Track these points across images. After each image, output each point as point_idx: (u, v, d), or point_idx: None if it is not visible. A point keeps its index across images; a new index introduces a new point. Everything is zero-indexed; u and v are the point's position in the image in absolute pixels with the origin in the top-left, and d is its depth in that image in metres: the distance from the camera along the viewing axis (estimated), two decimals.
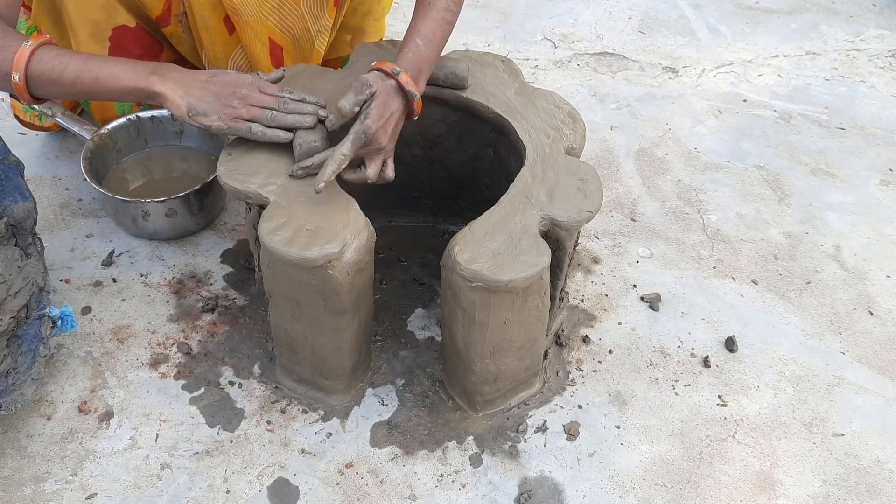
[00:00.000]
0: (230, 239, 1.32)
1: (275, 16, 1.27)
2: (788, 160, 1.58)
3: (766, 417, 1.13)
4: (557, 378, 1.16)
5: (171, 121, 1.37)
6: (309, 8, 1.29)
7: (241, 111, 1.00)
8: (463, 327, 1.00)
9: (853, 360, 1.22)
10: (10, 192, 1.07)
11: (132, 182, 1.34)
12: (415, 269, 1.29)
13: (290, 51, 1.32)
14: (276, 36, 1.29)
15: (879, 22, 2.02)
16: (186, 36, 1.32)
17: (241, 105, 1.01)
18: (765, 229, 1.42)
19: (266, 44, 1.29)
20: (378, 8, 1.47)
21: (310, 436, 1.07)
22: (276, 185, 0.99)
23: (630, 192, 1.48)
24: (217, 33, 1.29)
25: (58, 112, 1.33)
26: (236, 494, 1.00)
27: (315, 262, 0.93)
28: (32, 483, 0.99)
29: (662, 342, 1.22)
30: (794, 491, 1.05)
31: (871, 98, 1.76)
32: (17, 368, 1.01)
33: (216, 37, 1.29)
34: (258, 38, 1.28)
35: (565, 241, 1.03)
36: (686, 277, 1.32)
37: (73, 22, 1.23)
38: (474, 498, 1.02)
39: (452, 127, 1.21)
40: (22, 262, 1.05)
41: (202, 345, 1.16)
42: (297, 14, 1.28)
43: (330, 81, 1.15)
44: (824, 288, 1.33)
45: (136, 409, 1.08)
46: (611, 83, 1.75)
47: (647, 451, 1.08)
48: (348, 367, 1.07)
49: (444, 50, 1.14)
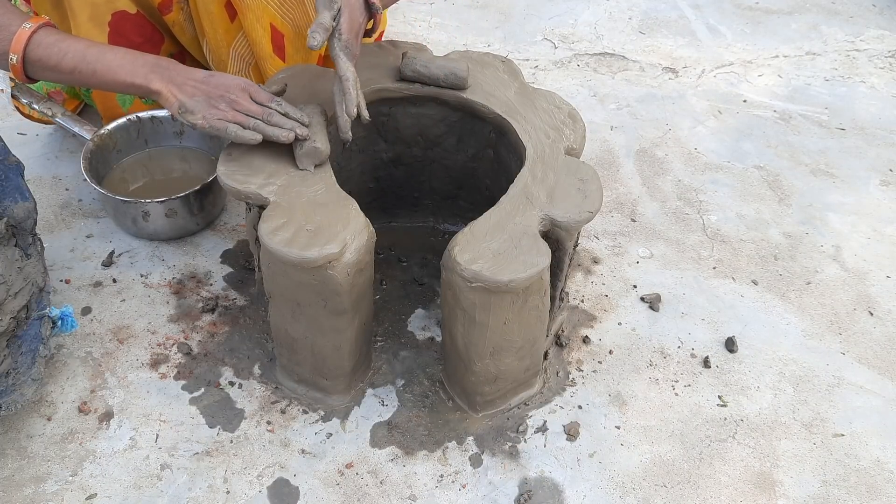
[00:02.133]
0: (230, 239, 1.32)
1: (275, 1, 1.27)
2: (788, 160, 1.58)
3: (766, 418, 1.13)
4: (557, 378, 1.16)
5: (171, 121, 1.37)
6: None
7: (226, 114, 1.02)
8: (463, 327, 1.00)
9: (853, 361, 1.22)
10: (10, 193, 1.07)
11: (132, 182, 1.34)
12: (415, 269, 1.29)
13: (292, 38, 1.32)
14: (278, 22, 1.29)
15: (879, 22, 2.02)
16: (188, 24, 1.32)
17: (228, 109, 1.02)
18: (765, 229, 1.42)
19: (268, 29, 1.29)
20: None
21: (310, 436, 1.07)
22: (276, 186, 0.99)
23: (630, 192, 1.48)
24: (219, 20, 1.29)
25: (58, 112, 1.33)
26: (236, 495, 1.00)
27: (315, 263, 0.93)
28: (32, 483, 0.99)
29: (662, 342, 1.22)
30: (794, 491, 1.05)
31: (871, 98, 1.76)
32: (17, 369, 1.01)
33: (218, 23, 1.29)
34: (259, 23, 1.28)
35: (565, 242, 1.03)
36: (686, 278, 1.32)
37: (72, 4, 1.23)
38: (474, 498, 1.02)
39: (452, 127, 1.21)
40: (22, 263, 1.05)
41: (202, 345, 1.16)
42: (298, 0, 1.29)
43: (330, 82, 1.15)
44: (824, 288, 1.33)
45: (136, 409, 1.08)
46: (611, 83, 1.75)
47: (647, 451, 1.08)
48: (348, 368, 1.07)
49: (444, 51, 1.14)
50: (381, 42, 1.26)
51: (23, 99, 1.31)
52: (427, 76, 1.15)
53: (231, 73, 1.38)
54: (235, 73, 1.38)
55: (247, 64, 1.36)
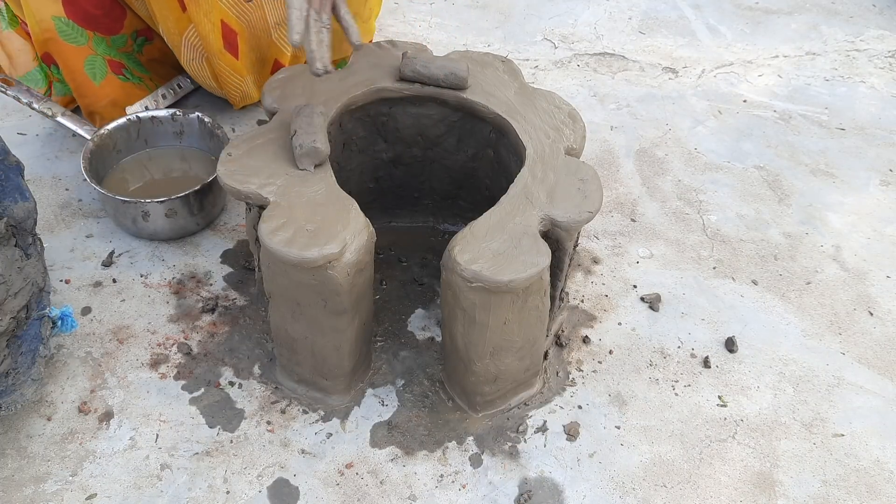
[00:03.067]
0: (230, 239, 1.32)
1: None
2: (788, 160, 1.58)
3: (766, 418, 1.13)
4: (557, 378, 1.16)
5: (171, 121, 1.37)
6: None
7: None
8: (463, 327, 1.00)
9: (853, 361, 1.22)
10: (10, 193, 1.07)
11: (132, 182, 1.34)
12: (415, 269, 1.29)
13: (246, 37, 1.31)
14: (231, 20, 1.27)
15: (879, 22, 2.02)
16: (141, 5, 1.31)
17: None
18: (765, 229, 1.42)
19: (217, 25, 1.27)
20: (365, 10, 1.47)
21: (310, 436, 1.07)
22: (276, 186, 0.99)
23: (630, 192, 1.48)
24: (169, 8, 1.27)
25: (58, 112, 1.33)
26: (236, 495, 1.00)
27: (315, 263, 0.93)
28: (32, 483, 0.99)
29: (662, 342, 1.22)
30: (794, 491, 1.05)
31: (871, 98, 1.76)
32: (16, 369, 1.01)
33: (168, 11, 1.28)
34: (208, 18, 1.26)
35: (565, 242, 1.03)
36: (686, 278, 1.32)
37: None
38: (474, 498, 1.02)
39: (452, 127, 1.21)
40: (22, 263, 1.05)
41: (202, 345, 1.16)
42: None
43: (329, 82, 1.15)
44: (824, 288, 1.33)
45: (136, 409, 1.08)
46: (611, 83, 1.75)
47: (647, 451, 1.08)
48: (348, 368, 1.07)
49: (444, 51, 1.14)
50: (381, 42, 1.26)
51: (23, 99, 1.31)
52: (427, 76, 1.15)
53: (184, 61, 1.36)
54: (188, 61, 1.36)
55: (200, 54, 1.35)
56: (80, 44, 1.31)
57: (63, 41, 1.30)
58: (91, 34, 1.31)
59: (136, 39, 1.38)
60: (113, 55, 1.36)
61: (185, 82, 1.51)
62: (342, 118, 1.15)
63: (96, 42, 1.32)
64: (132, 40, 1.37)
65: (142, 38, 1.39)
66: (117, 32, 1.34)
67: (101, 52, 1.34)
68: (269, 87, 1.14)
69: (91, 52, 1.33)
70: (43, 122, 1.48)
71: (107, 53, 1.34)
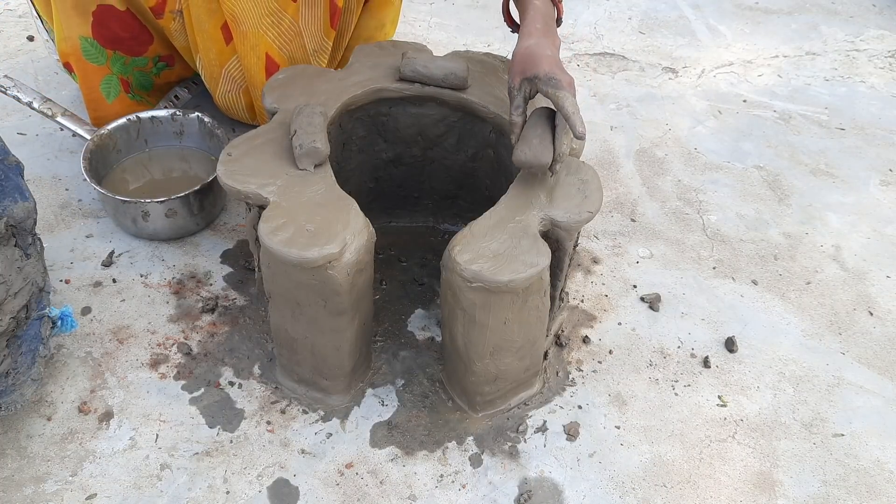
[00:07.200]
0: (230, 239, 1.32)
1: (273, 31, 1.27)
2: (788, 160, 1.58)
3: (766, 418, 1.13)
4: (557, 378, 1.16)
5: (171, 121, 1.37)
6: (306, 25, 1.29)
7: None
8: (463, 327, 1.00)
9: (853, 361, 1.22)
10: (10, 193, 1.07)
11: (132, 182, 1.34)
12: (415, 269, 1.29)
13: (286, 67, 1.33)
14: (274, 52, 1.29)
15: (879, 22, 2.02)
16: (180, 35, 1.32)
17: None
18: (765, 229, 1.42)
19: (262, 58, 1.29)
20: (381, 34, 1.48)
21: (310, 436, 1.07)
22: (276, 186, 0.99)
23: (630, 192, 1.48)
24: (213, 40, 1.29)
25: (58, 112, 1.33)
26: (236, 495, 1.00)
27: (315, 263, 0.93)
28: (32, 483, 0.99)
29: (662, 342, 1.22)
30: (794, 491, 1.05)
31: (871, 98, 1.76)
32: (16, 369, 1.01)
33: (211, 43, 1.29)
34: (254, 52, 1.28)
35: (565, 242, 1.03)
36: (686, 278, 1.32)
37: None
38: (474, 498, 1.02)
39: (452, 127, 1.21)
40: (22, 263, 1.05)
41: (202, 345, 1.16)
42: (295, 31, 1.28)
43: (329, 82, 1.15)
44: (824, 288, 1.33)
45: (136, 409, 1.08)
46: (611, 83, 1.75)
47: (647, 451, 1.08)
48: (348, 368, 1.07)
49: (444, 51, 1.14)
50: (381, 42, 1.26)
51: (23, 99, 1.31)
52: (427, 76, 1.15)
53: (221, 92, 1.38)
54: (225, 92, 1.38)
55: (238, 86, 1.37)
56: (99, 63, 1.33)
57: (85, 60, 1.31)
58: (111, 53, 1.32)
59: (157, 64, 1.40)
60: (125, 74, 1.37)
61: (182, 93, 1.52)
62: (342, 118, 1.15)
63: (113, 61, 1.33)
64: (153, 63, 1.39)
65: (163, 63, 1.40)
66: (140, 55, 1.36)
67: (117, 72, 1.35)
68: (270, 87, 1.14)
69: (108, 73, 1.35)
70: (43, 122, 1.48)
71: (121, 72, 1.36)
